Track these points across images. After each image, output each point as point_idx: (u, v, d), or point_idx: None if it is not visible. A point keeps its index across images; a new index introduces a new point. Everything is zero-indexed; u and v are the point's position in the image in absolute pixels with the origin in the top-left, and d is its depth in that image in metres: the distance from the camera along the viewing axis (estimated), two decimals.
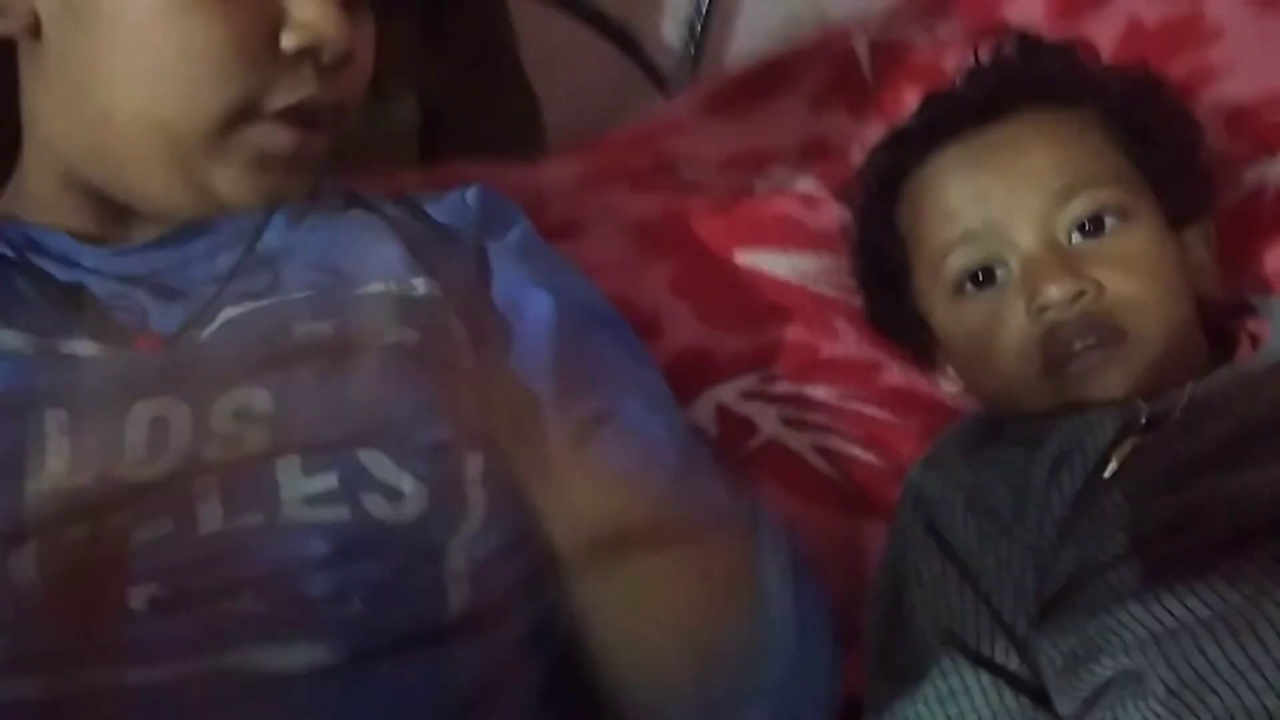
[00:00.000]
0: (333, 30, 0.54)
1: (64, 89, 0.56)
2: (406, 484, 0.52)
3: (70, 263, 0.58)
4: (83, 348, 0.54)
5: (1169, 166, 0.65)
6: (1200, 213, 0.66)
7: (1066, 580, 0.53)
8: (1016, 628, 0.55)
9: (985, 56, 0.70)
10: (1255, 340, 0.63)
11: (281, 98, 0.55)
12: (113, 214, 0.59)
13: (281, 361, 0.54)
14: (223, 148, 0.55)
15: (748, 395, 0.70)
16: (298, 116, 0.56)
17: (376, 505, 0.51)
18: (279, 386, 0.52)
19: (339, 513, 0.50)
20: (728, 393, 0.70)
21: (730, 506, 0.54)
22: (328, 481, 0.51)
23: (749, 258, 0.78)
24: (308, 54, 0.54)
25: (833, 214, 0.79)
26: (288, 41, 0.54)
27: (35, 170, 0.60)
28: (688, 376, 0.71)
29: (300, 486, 0.50)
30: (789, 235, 0.79)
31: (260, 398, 0.52)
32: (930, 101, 0.70)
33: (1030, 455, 0.57)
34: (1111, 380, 0.59)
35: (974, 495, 0.59)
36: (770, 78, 0.93)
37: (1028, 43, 0.70)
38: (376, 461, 0.52)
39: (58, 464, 0.49)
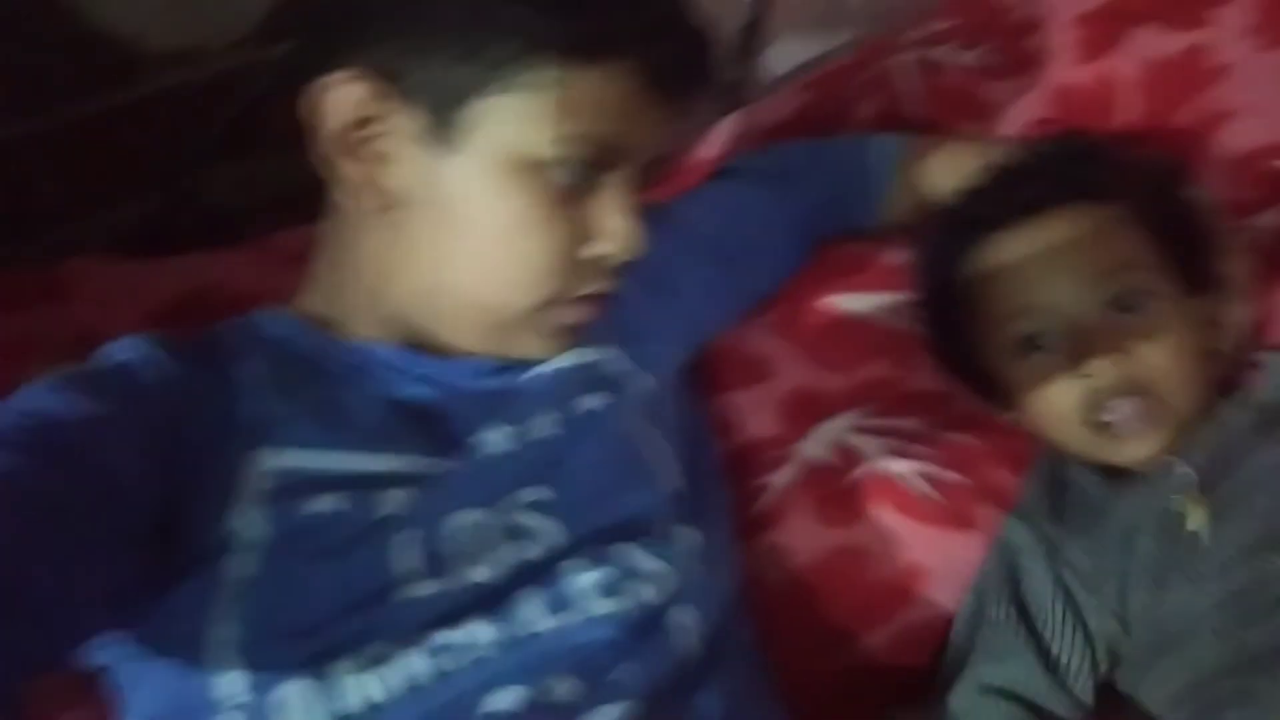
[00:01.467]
0: (634, 242, 0.64)
1: (405, 255, 0.65)
2: (660, 568, 0.64)
3: (401, 374, 0.68)
4: (426, 464, 0.65)
5: (1188, 247, 0.77)
6: (1216, 282, 0.78)
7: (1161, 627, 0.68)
8: (1078, 677, 0.70)
9: (1038, 151, 0.82)
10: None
11: (583, 289, 0.66)
12: (415, 338, 0.68)
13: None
14: (528, 323, 0.66)
15: (855, 429, 0.82)
16: (590, 299, 0.67)
17: (643, 591, 0.63)
18: (553, 482, 0.65)
19: (621, 601, 0.62)
20: (838, 427, 0.83)
21: None
22: (609, 574, 0.63)
23: (833, 299, 0.89)
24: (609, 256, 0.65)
25: (896, 252, 0.91)
26: (598, 249, 0.65)
27: (356, 299, 0.68)
28: (802, 413, 0.84)
29: (591, 580, 0.63)
30: (863, 275, 0.91)
31: (534, 491, 0.65)
32: (997, 187, 0.81)
33: (1104, 523, 0.72)
34: (1146, 438, 0.73)
35: (1054, 551, 0.74)
36: (821, 112, 1.02)
37: (1074, 143, 0.82)
38: (637, 553, 0.65)
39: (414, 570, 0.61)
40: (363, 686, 0.58)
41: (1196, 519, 0.69)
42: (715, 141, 1.01)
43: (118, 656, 0.60)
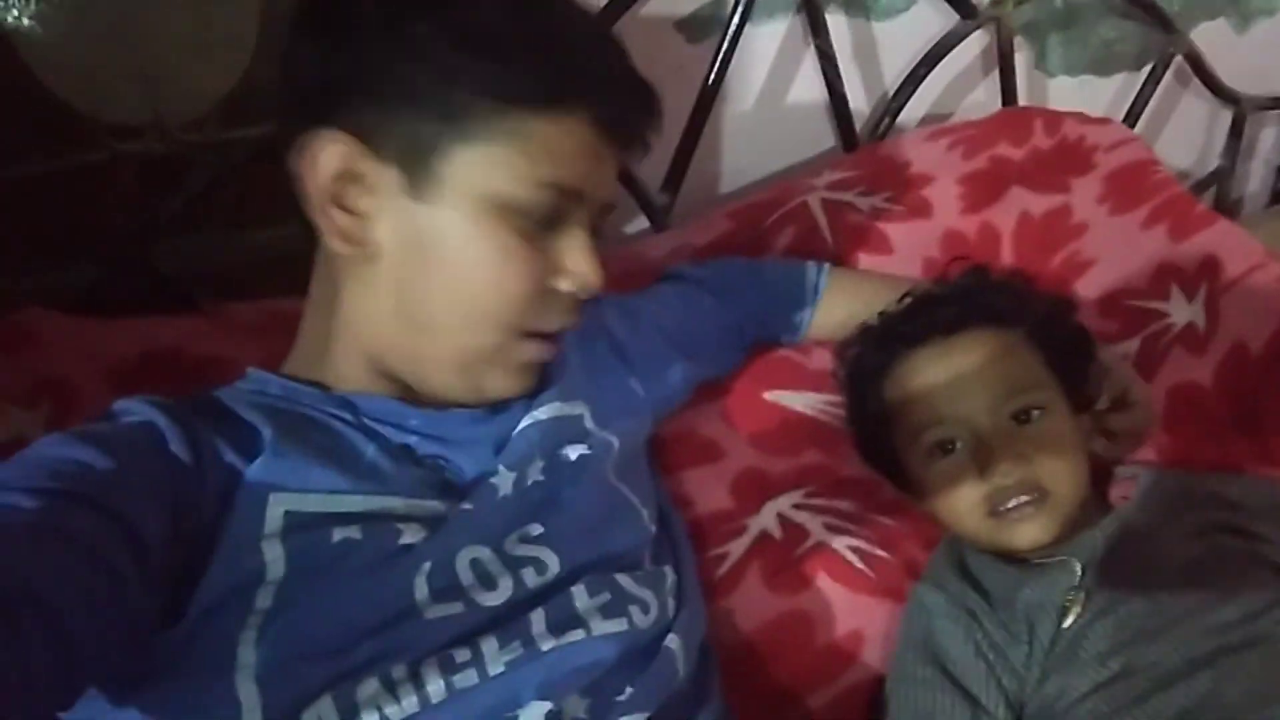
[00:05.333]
0: (596, 279, 0.71)
1: (390, 302, 0.69)
2: (648, 596, 0.70)
3: (395, 425, 0.71)
4: (432, 506, 0.68)
5: (1073, 370, 0.88)
6: (1094, 401, 0.90)
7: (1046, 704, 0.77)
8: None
9: (952, 281, 0.95)
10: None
11: (549, 324, 0.72)
12: (403, 389, 0.73)
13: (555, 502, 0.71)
14: (499, 359, 0.71)
15: (798, 506, 0.91)
16: (553, 335, 0.73)
17: (638, 616, 0.68)
18: (547, 520, 0.70)
19: (620, 624, 0.67)
20: (783, 504, 0.91)
21: None
22: (605, 599, 0.67)
23: (773, 395, 0.99)
24: (572, 292, 0.71)
25: (821, 359, 1.02)
26: (564, 285, 0.71)
27: (348, 354, 0.72)
28: (752, 490, 0.92)
29: (592, 604, 0.67)
30: (795, 377, 1.01)
31: (534, 527, 0.69)
32: (917, 309, 0.92)
33: (1011, 607, 0.81)
34: (1038, 527, 0.81)
35: (971, 615, 0.82)
36: (745, 237, 1.14)
37: (983, 275, 0.94)
38: (629, 583, 0.70)
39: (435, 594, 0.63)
40: (382, 708, 0.59)
41: (1074, 614, 0.78)
42: (658, 247, 1.11)
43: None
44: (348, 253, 0.68)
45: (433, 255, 0.67)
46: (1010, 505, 0.82)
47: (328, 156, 0.66)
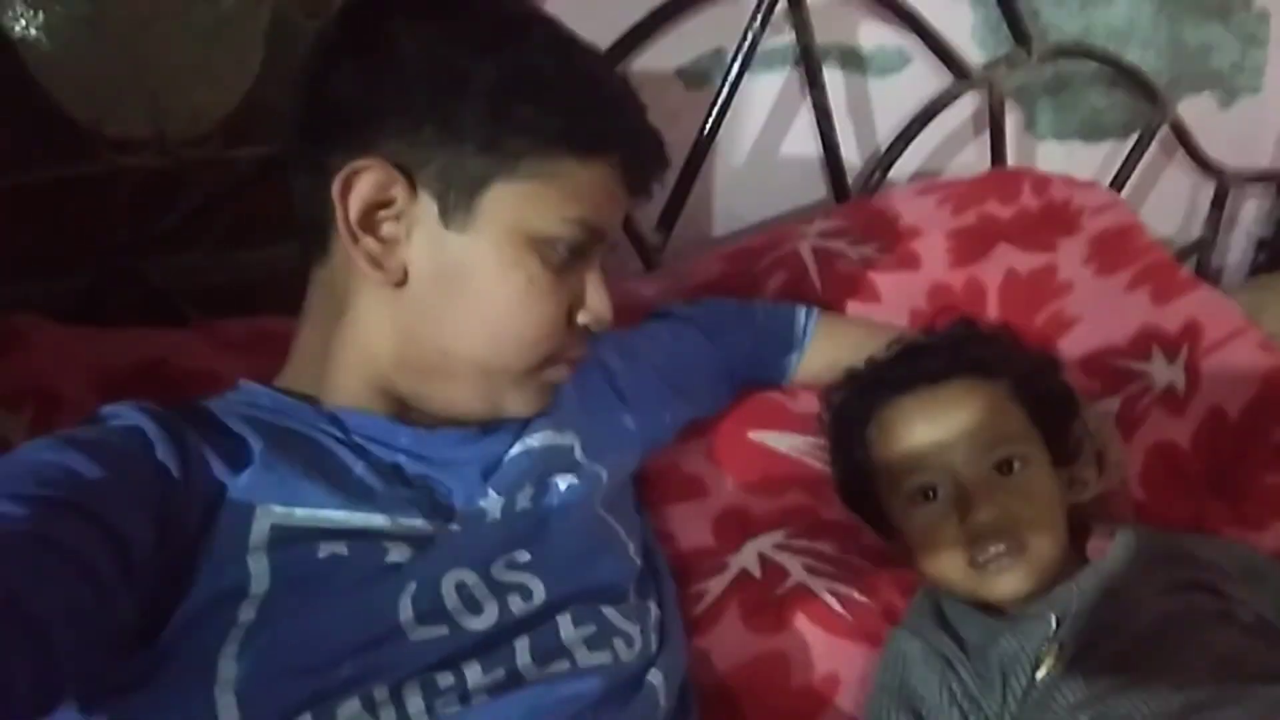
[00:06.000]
0: (609, 314, 0.74)
1: (409, 325, 0.70)
2: (633, 630, 0.70)
3: (385, 444, 0.71)
4: (419, 526, 0.68)
5: (1055, 425, 0.89)
6: (1076, 457, 0.91)
7: None
8: None
9: (940, 331, 0.96)
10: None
11: (570, 353, 0.74)
12: (398, 407, 0.73)
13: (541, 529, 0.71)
14: (522, 382, 0.73)
15: (779, 547, 0.91)
16: (571, 361, 0.75)
17: (622, 649, 0.68)
18: (534, 548, 0.70)
19: (604, 656, 0.67)
20: (765, 544, 0.91)
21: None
22: (590, 630, 0.67)
23: (758, 435, 1.00)
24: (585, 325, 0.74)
25: (807, 401, 1.03)
26: (584, 319, 0.74)
27: (345, 371, 0.72)
28: (734, 528, 0.92)
29: (577, 635, 0.67)
30: (780, 418, 1.02)
31: (522, 554, 0.69)
32: (904, 358, 0.93)
33: (986, 657, 0.81)
34: (1016, 579, 0.82)
35: (947, 663, 0.82)
36: (737, 280, 1.16)
37: (970, 327, 0.96)
38: (615, 615, 0.70)
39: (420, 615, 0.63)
40: None
41: (1048, 667, 0.79)
42: (650, 286, 1.13)
43: None
44: (376, 277, 0.69)
45: (463, 282, 0.69)
46: (990, 554, 0.82)
47: (364, 183, 0.67)
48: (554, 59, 0.68)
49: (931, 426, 0.86)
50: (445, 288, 0.69)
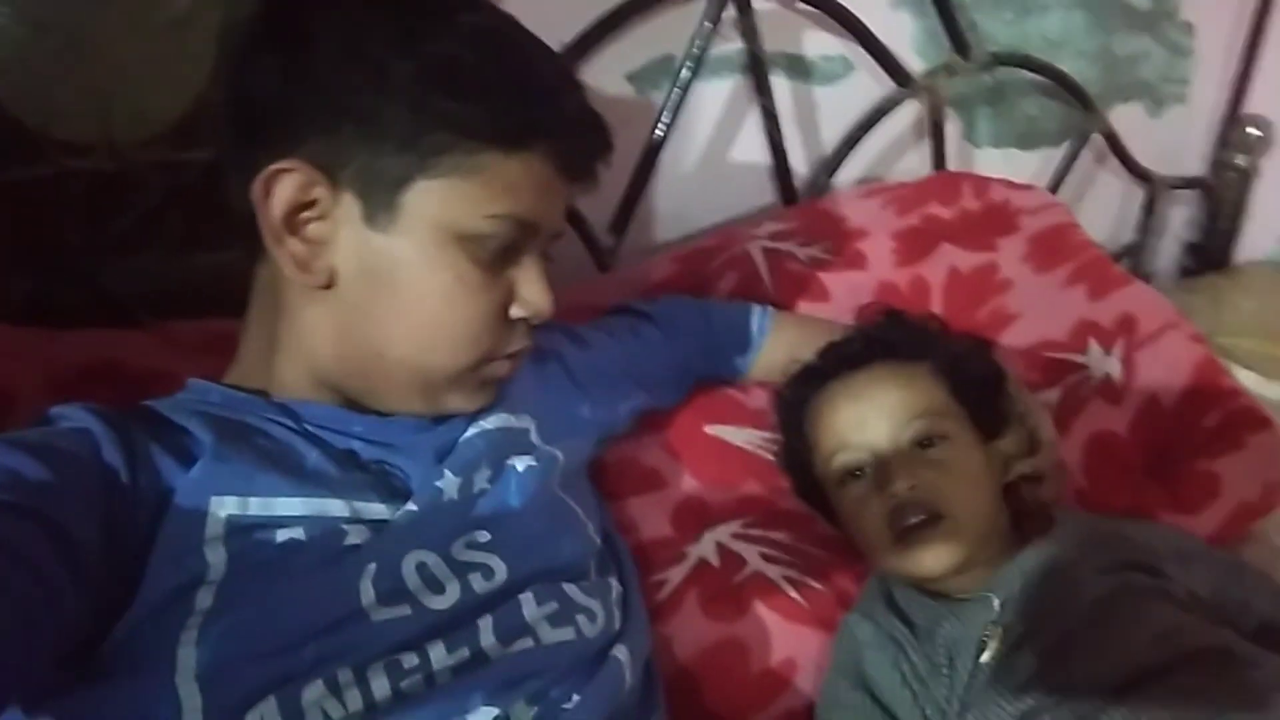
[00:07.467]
0: (548, 306, 0.73)
1: (343, 326, 0.69)
2: (595, 606, 0.71)
3: (338, 431, 0.71)
4: (377, 509, 0.68)
5: (980, 401, 0.92)
6: (1002, 431, 0.93)
7: None
8: None
9: (865, 321, 1.00)
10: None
11: (508, 348, 0.74)
12: (340, 400, 0.73)
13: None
14: (461, 380, 0.73)
15: (736, 536, 0.93)
16: (512, 356, 0.75)
17: (585, 625, 0.69)
18: (494, 528, 0.71)
19: (567, 632, 0.68)
20: (722, 533, 0.93)
21: None
22: (552, 608, 0.68)
23: (714, 429, 1.02)
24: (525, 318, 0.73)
25: (760, 397, 1.06)
26: (517, 313, 0.73)
27: (291, 366, 0.72)
28: (692, 519, 0.94)
29: (539, 612, 0.67)
30: (735, 413, 1.04)
31: (481, 534, 0.70)
32: (829, 349, 0.97)
33: (933, 640, 0.84)
34: (937, 553, 0.83)
35: (898, 645, 0.85)
36: (690, 280, 1.17)
37: (894, 316, 1.00)
38: (577, 593, 0.71)
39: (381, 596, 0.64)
40: (327, 711, 0.59)
41: (992, 649, 0.81)
42: (604, 287, 1.15)
43: None
44: (302, 279, 0.68)
45: (390, 283, 0.68)
46: (908, 522, 0.84)
47: (285, 185, 0.65)
48: (476, 50, 0.66)
49: (854, 406, 0.90)
50: (374, 289, 0.68)
